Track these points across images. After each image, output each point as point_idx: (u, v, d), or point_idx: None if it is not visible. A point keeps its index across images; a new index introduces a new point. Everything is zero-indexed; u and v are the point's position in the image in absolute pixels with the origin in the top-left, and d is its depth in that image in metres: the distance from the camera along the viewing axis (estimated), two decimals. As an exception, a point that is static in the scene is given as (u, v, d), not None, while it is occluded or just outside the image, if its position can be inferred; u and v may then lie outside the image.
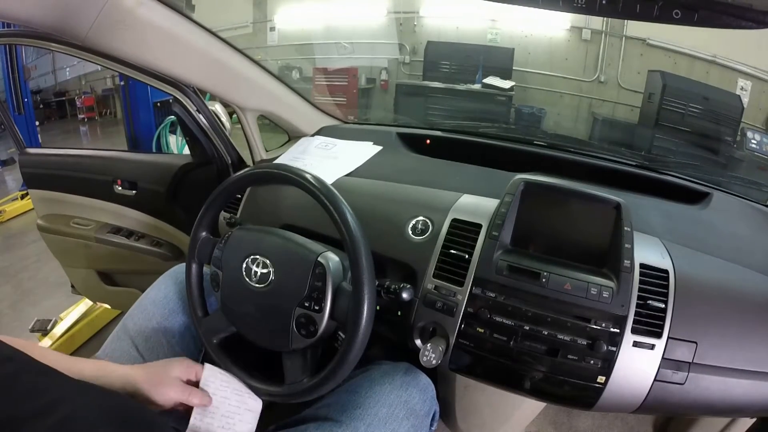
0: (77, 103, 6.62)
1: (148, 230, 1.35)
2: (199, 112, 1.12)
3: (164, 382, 0.63)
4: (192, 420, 0.64)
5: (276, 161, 1.09)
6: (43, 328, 1.73)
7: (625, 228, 0.69)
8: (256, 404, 0.70)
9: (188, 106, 1.10)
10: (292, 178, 0.68)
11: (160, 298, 0.81)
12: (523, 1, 0.42)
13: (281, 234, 0.73)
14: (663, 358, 0.64)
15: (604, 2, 0.34)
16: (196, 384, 0.67)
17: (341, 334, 0.75)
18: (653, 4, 0.32)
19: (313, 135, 1.18)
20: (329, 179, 0.88)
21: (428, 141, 1.15)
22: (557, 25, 4.08)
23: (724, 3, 0.33)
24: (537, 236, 0.75)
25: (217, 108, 1.14)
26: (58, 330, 1.73)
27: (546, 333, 0.66)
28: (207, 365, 0.69)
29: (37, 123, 3.81)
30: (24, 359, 0.51)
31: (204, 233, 0.77)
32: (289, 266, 0.68)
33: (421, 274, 0.74)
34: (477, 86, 3.89)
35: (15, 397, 0.44)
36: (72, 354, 1.59)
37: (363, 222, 0.64)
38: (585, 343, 0.65)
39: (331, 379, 0.64)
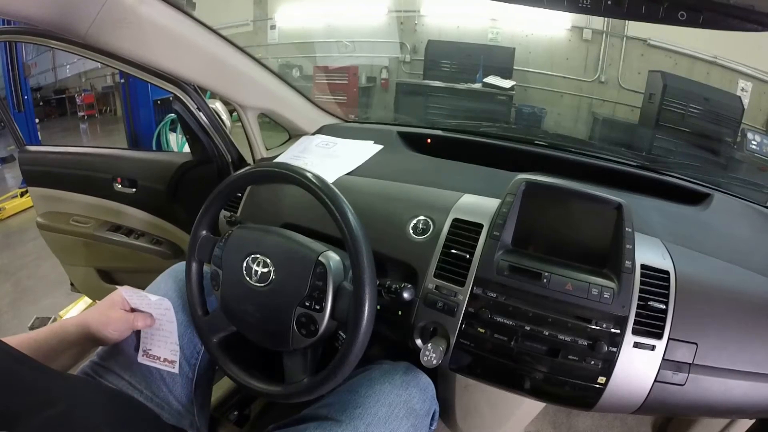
0: (77, 100, 6.59)
1: (147, 228, 1.35)
2: (200, 110, 1.11)
3: (111, 318, 0.69)
4: (142, 343, 0.73)
5: (276, 160, 1.09)
6: (42, 326, 1.73)
7: (626, 229, 0.68)
8: (172, 314, 0.73)
9: (189, 104, 1.10)
10: (293, 176, 0.68)
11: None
12: (528, 1, 0.41)
13: (282, 233, 0.73)
14: (663, 359, 0.64)
15: (609, 3, 0.33)
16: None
17: (342, 334, 0.76)
18: (659, 5, 0.32)
19: (313, 134, 1.18)
20: (330, 178, 0.88)
21: (429, 140, 1.14)
22: (558, 24, 4.07)
23: (729, 5, 0.33)
24: (538, 236, 0.74)
25: (218, 106, 1.14)
26: (58, 328, 1.72)
27: (547, 333, 0.66)
28: (122, 290, 0.72)
29: (36, 120, 3.80)
30: (22, 356, 0.51)
31: (204, 232, 0.77)
32: (290, 265, 0.68)
33: (422, 274, 0.74)
34: (478, 85, 3.89)
35: (12, 392, 0.44)
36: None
37: (364, 221, 0.64)
38: (586, 343, 0.65)
39: (331, 378, 0.64)
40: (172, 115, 3.29)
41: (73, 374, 0.69)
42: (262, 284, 0.69)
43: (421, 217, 0.79)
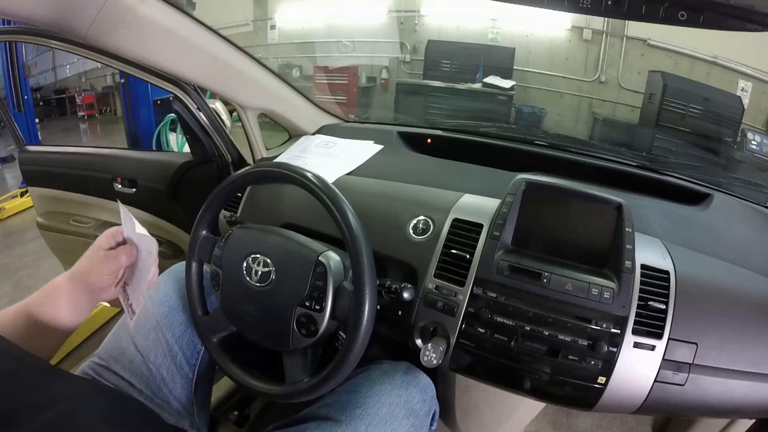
0: (77, 100, 6.59)
1: (147, 228, 1.34)
2: (200, 110, 1.11)
3: (96, 260, 0.63)
4: (125, 275, 0.66)
5: (276, 160, 1.09)
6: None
7: (627, 229, 0.68)
8: (152, 244, 0.66)
9: (189, 104, 1.10)
10: (293, 176, 0.68)
11: (160, 297, 0.81)
12: (529, 1, 0.42)
13: (282, 233, 0.73)
14: (663, 359, 0.64)
15: (609, 3, 0.33)
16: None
17: (342, 334, 0.75)
18: (659, 5, 0.32)
19: (313, 134, 1.18)
20: (330, 178, 0.88)
21: (429, 140, 1.14)
22: (558, 24, 4.07)
23: (729, 5, 0.33)
24: (538, 236, 0.74)
25: (218, 106, 1.14)
26: (58, 328, 1.72)
27: (547, 333, 0.66)
28: (120, 206, 0.67)
29: (36, 120, 3.80)
30: (23, 356, 0.51)
31: (204, 232, 0.77)
32: (290, 265, 0.68)
33: (422, 274, 0.74)
34: (478, 85, 3.89)
35: (14, 393, 0.45)
36: (71, 353, 1.59)
37: (364, 221, 0.64)
38: (586, 343, 0.65)
39: (331, 378, 0.64)
40: (172, 115, 3.29)
41: (73, 374, 0.69)
42: (263, 284, 0.69)
43: (421, 217, 0.79)
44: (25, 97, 3.50)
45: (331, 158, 1.05)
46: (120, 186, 1.30)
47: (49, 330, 0.61)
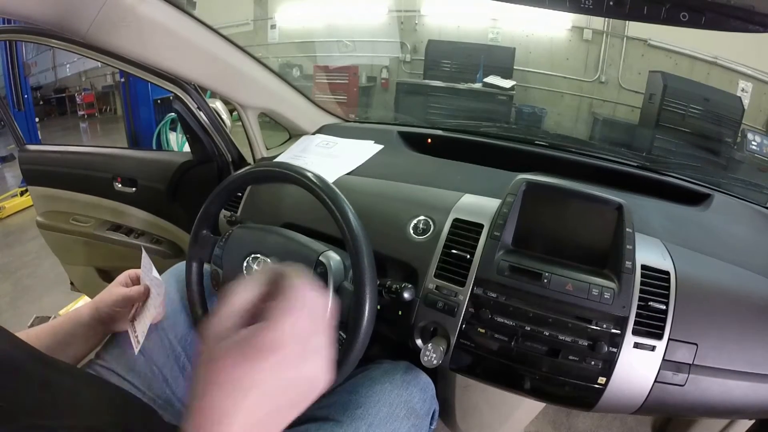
0: (77, 99, 6.59)
1: (148, 228, 1.35)
2: (200, 110, 1.11)
3: (113, 295, 0.72)
4: (135, 308, 0.74)
5: (277, 159, 1.09)
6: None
7: (627, 229, 0.68)
8: (162, 286, 0.72)
9: (189, 104, 1.10)
10: (294, 176, 0.68)
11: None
12: (530, 1, 0.41)
13: (282, 233, 0.73)
14: (663, 359, 0.64)
15: (611, 3, 0.33)
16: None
17: (342, 334, 0.75)
18: (661, 6, 0.32)
19: (313, 133, 1.18)
20: (330, 178, 0.88)
21: (429, 140, 1.14)
22: (558, 25, 4.08)
23: (730, 6, 0.33)
24: (538, 236, 0.74)
25: (218, 105, 1.14)
26: (58, 327, 1.72)
27: (547, 333, 0.66)
28: (144, 253, 0.74)
29: (36, 119, 3.80)
30: (29, 351, 0.51)
31: (204, 231, 0.77)
32: (290, 265, 0.68)
33: (423, 274, 0.74)
34: (478, 85, 3.89)
35: (17, 389, 0.45)
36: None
37: (364, 221, 0.64)
38: (586, 343, 0.65)
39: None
40: (172, 114, 3.29)
41: (80, 370, 0.69)
42: (263, 284, 0.68)
43: (422, 217, 0.79)
44: (25, 96, 3.50)
45: (331, 158, 1.05)
46: (120, 185, 1.30)
47: (69, 348, 0.68)
